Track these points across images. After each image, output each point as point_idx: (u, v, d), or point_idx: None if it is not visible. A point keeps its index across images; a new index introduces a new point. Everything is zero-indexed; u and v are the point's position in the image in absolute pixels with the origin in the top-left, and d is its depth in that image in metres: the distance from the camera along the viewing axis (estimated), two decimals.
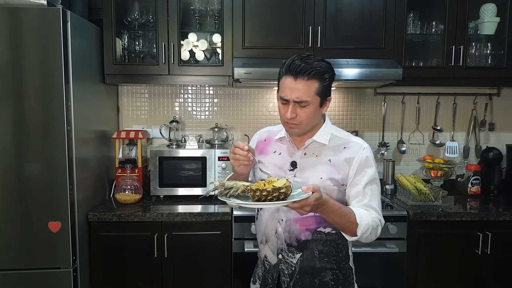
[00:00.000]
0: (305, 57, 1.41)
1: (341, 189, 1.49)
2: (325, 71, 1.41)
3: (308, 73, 1.37)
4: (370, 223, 1.41)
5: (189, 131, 3.01)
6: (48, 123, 2.08)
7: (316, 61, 1.41)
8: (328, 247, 1.52)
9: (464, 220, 2.38)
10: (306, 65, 1.38)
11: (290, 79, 1.40)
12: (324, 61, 1.44)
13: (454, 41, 2.61)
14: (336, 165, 1.48)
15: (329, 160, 1.49)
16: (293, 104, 1.41)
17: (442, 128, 3.05)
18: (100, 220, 2.31)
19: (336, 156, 1.49)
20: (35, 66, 2.05)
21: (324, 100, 1.45)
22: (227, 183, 1.35)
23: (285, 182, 1.28)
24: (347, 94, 3.04)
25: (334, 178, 1.47)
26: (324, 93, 1.43)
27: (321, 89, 1.41)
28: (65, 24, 2.06)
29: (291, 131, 1.50)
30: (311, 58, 1.41)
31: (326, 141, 1.51)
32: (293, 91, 1.40)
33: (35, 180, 2.08)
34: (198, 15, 2.73)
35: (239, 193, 1.33)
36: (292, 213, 1.49)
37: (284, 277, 1.55)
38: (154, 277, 2.34)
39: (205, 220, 2.33)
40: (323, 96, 1.44)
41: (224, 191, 1.34)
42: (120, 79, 2.67)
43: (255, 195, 1.27)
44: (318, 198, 1.27)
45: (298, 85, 1.39)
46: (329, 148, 1.51)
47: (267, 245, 1.60)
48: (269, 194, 1.25)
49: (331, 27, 2.56)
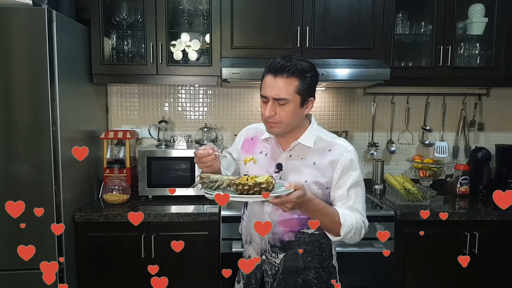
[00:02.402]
0: (287, 56, 1.42)
1: (326, 192, 1.49)
2: (306, 70, 1.41)
3: (287, 70, 1.38)
4: (353, 224, 1.42)
5: (179, 131, 3.01)
6: (34, 123, 2.07)
7: (298, 60, 1.41)
8: (312, 247, 1.52)
9: (451, 220, 2.38)
10: (285, 62, 1.39)
11: (270, 76, 1.41)
12: (306, 61, 1.44)
13: (442, 41, 2.61)
14: (321, 168, 1.48)
15: (314, 163, 1.48)
16: (272, 102, 1.41)
17: (431, 128, 3.05)
18: (86, 220, 2.30)
19: (321, 159, 1.49)
20: (21, 66, 2.04)
21: (305, 100, 1.44)
22: (212, 176, 1.38)
23: (267, 177, 1.31)
24: (336, 94, 3.04)
25: (318, 181, 1.47)
26: (305, 92, 1.42)
27: (302, 88, 1.40)
28: (51, 24, 2.06)
29: (271, 131, 1.49)
30: (293, 58, 1.42)
31: (311, 143, 1.50)
32: (272, 89, 1.40)
33: (21, 181, 2.08)
34: (187, 15, 2.73)
35: (224, 186, 1.35)
36: (276, 214, 1.50)
37: (268, 277, 1.55)
38: (141, 277, 2.33)
39: (192, 221, 2.32)
40: (304, 96, 1.43)
41: (210, 184, 1.37)
42: (108, 79, 2.66)
43: (238, 188, 1.31)
44: (300, 196, 1.28)
45: (277, 83, 1.39)
46: (314, 150, 1.50)
47: (251, 246, 1.60)
48: (251, 189, 1.28)
49: (319, 27, 2.56)
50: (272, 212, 1.50)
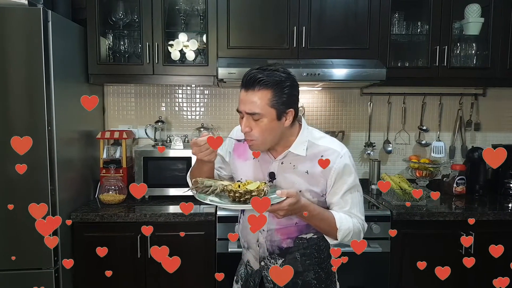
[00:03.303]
0: (260, 68, 1.34)
1: (321, 199, 1.47)
2: (281, 81, 1.32)
3: (258, 82, 1.30)
4: (350, 228, 1.41)
5: (176, 131, 3.00)
6: (30, 123, 2.07)
7: (273, 70, 1.32)
8: (310, 250, 1.51)
9: (447, 220, 2.39)
10: (257, 74, 1.31)
11: (243, 91, 1.35)
12: (284, 71, 1.34)
13: (438, 41, 2.62)
14: (314, 177, 1.43)
15: (307, 172, 1.43)
16: (247, 117, 1.34)
17: (428, 128, 3.06)
18: (82, 220, 2.29)
19: (314, 167, 1.42)
20: (17, 66, 2.04)
21: (282, 113, 1.35)
22: (206, 181, 1.38)
23: (258, 185, 1.30)
24: (333, 95, 3.04)
25: (313, 190, 1.44)
26: (281, 105, 1.33)
27: (276, 101, 1.32)
28: (46, 24, 2.05)
29: (251, 148, 1.41)
30: (267, 69, 1.33)
31: (303, 152, 1.43)
32: (245, 104, 1.33)
33: (17, 181, 2.07)
34: (184, 15, 2.73)
35: (217, 192, 1.35)
36: (274, 223, 1.47)
37: (268, 283, 1.54)
38: (137, 277, 2.33)
39: (188, 221, 2.32)
40: (281, 108, 1.33)
41: (204, 189, 1.37)
42: (105, 79, 2.66)
43: (230, 195, 1.31)
44: (292, 203, 1.26)
45: (248, 97, 1.32)
46: (306, 158, 1.44)
47: (249, 251, 1.60)
48: (242, 196, 1.27)
49: (315, 27, 2.56)
50: (269, 222, 1.47)
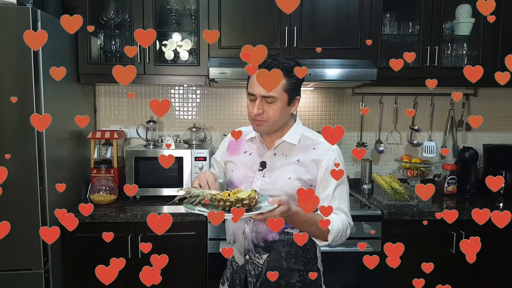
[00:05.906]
0: (274, 55, 1.43)
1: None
2: (291, 68, 1.40)
3: (274, 67, 1.37)
4: (340, 228, 1.42)
5: (167, 131, 3.00)
6: (19, 123, 2.06)
7: (284, 59, 1.42)
8: (296, 248, 1.51)
9: (438, 219, 2.38)
10: (273, 61, 1.40)
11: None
12: (293, 60, 1.44)
13: (429, 41, 2.63)
14: (305, 165, 1.48)
15: (298, 160, 1.49)
16: (260, 100, 1.42)
17: (419, 128, 3.07)
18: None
19: (305, 156, 1.50)
20: (6, 66, 2.03)
21: (292, 99, 1.46)
22: (193, 191, 1.35)
23: (249, 193, 1.27)
24: (325, 95, 3.05)
25: (302, 178, 1.47)
26: (292, 90, 1.43)
27: (289, 86, 1.42)
28: (35, 23, 2.04)
29: (258, 129, 1.49)
30: (280, 56, 1.43)
31: (296, 141, 1.52)
32: (260, 86, 1.39)
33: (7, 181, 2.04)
34: (175, 15, 2.72)
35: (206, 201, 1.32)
36: None
37: (251, 277, 1.55)
38: (128, 278, 2.31)
39: (179, 221, 2.31)
40: (291, 94, 1.44)
41: (191, 199, 1.33)
42: (96, 78, 2.65)
43: (219, 204, 1.27)
44: (284, 211, 1.25)
45: None
46: (298, 148, 1.51)
47: (234, 246, 1.60)
48: (232, 205, 1.24)
49: (307, 28, 2.57)
50: None
